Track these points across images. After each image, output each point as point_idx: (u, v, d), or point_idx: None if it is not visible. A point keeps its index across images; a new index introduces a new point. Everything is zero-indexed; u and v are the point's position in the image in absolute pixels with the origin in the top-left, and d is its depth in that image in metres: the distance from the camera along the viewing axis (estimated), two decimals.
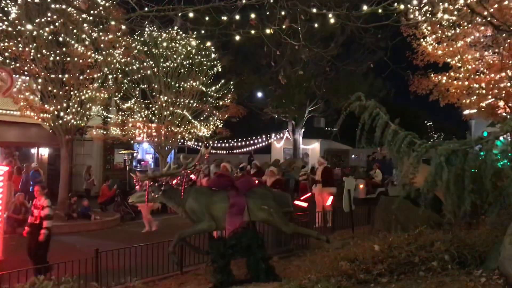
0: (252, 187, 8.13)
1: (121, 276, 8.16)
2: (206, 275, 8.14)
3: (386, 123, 5.75)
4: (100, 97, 15.75)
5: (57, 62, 14.71)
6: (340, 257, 6.04)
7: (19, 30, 13.81)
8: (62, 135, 15.41)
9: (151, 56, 18.07)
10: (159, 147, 19.18)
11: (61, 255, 9.50)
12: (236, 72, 24.57)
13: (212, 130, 20.26)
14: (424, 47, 15.07)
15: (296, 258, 9.32)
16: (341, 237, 11.14)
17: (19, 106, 14.88)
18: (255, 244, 7.60)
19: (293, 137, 29.35)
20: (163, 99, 18.16)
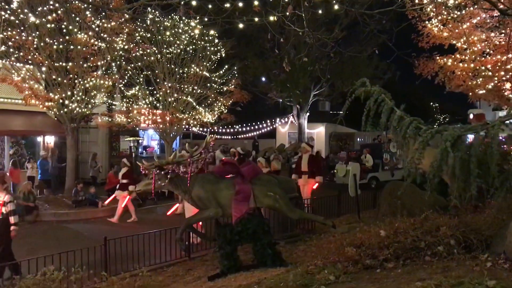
0: (257, 174, 8.15)
1: (129, 262, 8.27)
2: (214, 261, 8.22)
3: (391, 109, 5.72)
4: (104, 85, 15.77)
5: (61, 51, 14.70)
6: (346, 243, 6.07)
7: (22, 19, 13.78)
8: (67, 123, 15.48)
9: (154, 43, 17.99)
10: (164, 133, 19.21)
11: (70, 242, 9.63)
12: (239, 57, 24.42)
13: (217, 116, 20.24)
14: (430, 29, 14.91)
15: (302, 243, 9.38)
16: (347, 222, 11.19)
17: (24, 95, 14.91)
18: (261, 230, 7.65)
19: (298, 121, 29.30)
20: (167, 86, 18.13)
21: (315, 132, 31.15)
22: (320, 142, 30.45)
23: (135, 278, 7.05)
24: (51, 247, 8.42)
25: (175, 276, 7.79)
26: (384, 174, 18.66)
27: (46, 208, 14.17)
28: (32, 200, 13.48)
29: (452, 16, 14.06)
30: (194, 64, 18.48)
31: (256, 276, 6.59)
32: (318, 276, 5.27)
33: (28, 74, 15.00)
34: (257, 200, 7.77)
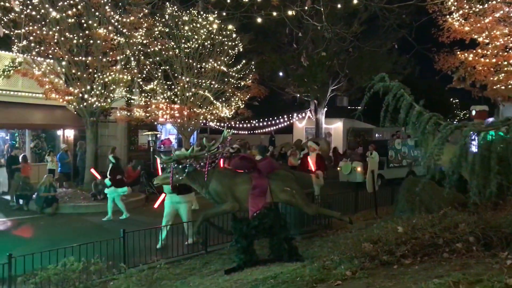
0: (274, 169, 8.15)
1: (147, 255, 8.37)
2: (230, 255, 8.26)
3: (410, 104, 5.67)
4: (123, 79, 15.92)
5: (81, 45, 14.89)
6: (363, 238, 6.04)
7: (43, 14, 13.97)
8: (87, 117, 15.69)
9: (173, 37, 18.08)
10: (182, 128, 19.32)
11: (89, 234, 9.77)
12: (257, 52, 24.39)
13: (234, 111, 20.27)
14: (450, 24, 14.69)
15: (318, 239, 9.36)
16: (364, 218, 11.13)
17: (44, 89, 15.16)
18: (277, 224, 7.67)
19: (315, 116, 29.16)
20: (185, 80, 18.22)
21: (332, 127, 31.00)
22: (337, 137, 30.31)
23: (153, 271, 7.14)
24: (70, 239, 8.57)
25: (192, 269, 7.85)
26: (390, 172, 18.02)
27: (65, 200, 14.41)
28: (53, 191, 13.72)
29: (474, 10, 13.82)
30: (211, 59, 18.53)
31: (272, 271, 6.61)
32: (335, 271, 5.26)
33: (48, 69, 15.23)
34: (274, 195, 7.77)
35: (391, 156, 18.25)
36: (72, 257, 5.58)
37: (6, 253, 6.72)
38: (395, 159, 18.41)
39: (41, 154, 19.41)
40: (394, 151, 18.48)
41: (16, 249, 8.43)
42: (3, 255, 6.87)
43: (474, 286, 3.95)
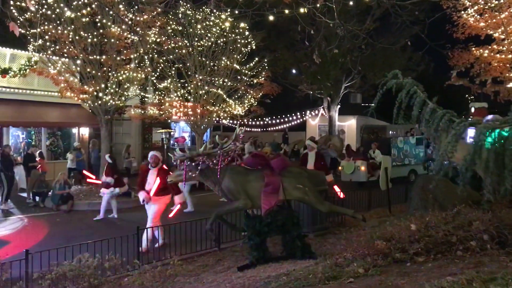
0: (287, 166, 8.17)
1: (161, 252, 8.45)
2: (243, 252, 8.31)
3: (423, 101, 5.64)
4: (137, 77, 16.04)
5: (95, 44, 15.04)
6: (376, 236, 6.03)
7: (58, 13, 14.14)
8: (101, 115, 15.86)
9: (186, 36, 18.15)
10: (195, 125, 19.41)
11: (103, 231, 9.89)
12: (270, 49, 24.37)
13: (247, 108, 20.30)
14: (465, 19, 14.50)
15: (331, 236, 9.36)
16: (377, 216, 11.09)
17: (60, 87, 15.35)
18: (290, 222, 7.68)
19: (329, 113, 29.06)
20: (198, 78, 18.29)
21: (346, 124, 30.85)
22: (351, 135, 30.15)
23: (166, 267, 7.20)
24: (85, 236, 8.68)
25: (205, 266, 7.91)
26: (393, 171, 16.95)
27: (81, 198, 14.60)
28: (68, 189, 13.90)
29: (490, 6, 13.64)
30: (224, 57, 18.57)
31: (285, 268, 6.63)
32: (347, 268, 5.27)
33: (63, 67, 15.41)
34: (287, 192, 7.79)
35: (393, 155, 17.91)
36: (87, 253, 5.67)
37: (23, 249, 6.86)
38: (398, 157, 18.05)
39: (56, 151, 19.67)
40: (397, 150, 18.17)
41: (32, 245, 8.60)
42: (20, 251, 7.01)
43: (488, 284, 3.93)
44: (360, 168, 16.87)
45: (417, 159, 18.07)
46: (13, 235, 10.83)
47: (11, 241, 10.14)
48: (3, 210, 13.41)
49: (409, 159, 18.16)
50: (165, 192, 9.32)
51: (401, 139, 18.80)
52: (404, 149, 18.11)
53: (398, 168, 17.61)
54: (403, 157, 18.15)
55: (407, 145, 18.33)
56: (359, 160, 17.16)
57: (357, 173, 16.87)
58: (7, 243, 9.80)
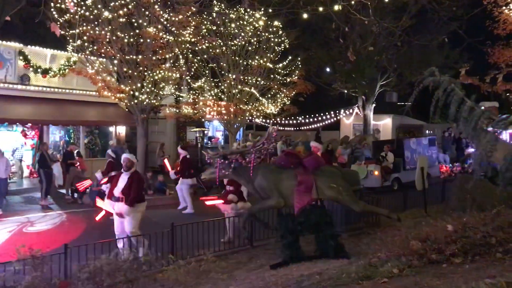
0: (320, 165, 8.13)
1: (194, 248, 8.55)
2: (276, 250, 8.31)
3: (461, 99, 5.50)
4: (172, 77, 16.27)
5: (131, 44, 15.33)
6: (411, 236, 5.94)
7: (96, 14, 14.50)
8: (137, 114, 16.16)
9: (220, 35, 18.28)
10: (228, 124, 19.54)
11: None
12: (303, 48, 24.24)
13: (280, 107, 20.28)
14: (507, 15, 14.02)
15: (365, 236, 9.25)
16: (412, 216, 10.88)
17: (97, 86, 15.74)
18: (323, 221, 7.65)
19: (363, 112, 28.69)
20: (232, 77, 18.40)
21: (381, 123, 30.38)
22: (386, 134, 29.66)
23: (200, 263, 7.29)
24: None
25: (238, 263, 7.96)
26: (407, 174, 16.09)
27: None
28: None
29: None
30: (258, 56, 18.61)
31: (318, 267, 6.61)
32: (381, 268, 5.21)
33: (101, 67, 15.78)
34: (320, 191, 7.76)
35: (407, 157, 16.51)
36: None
37: (62, 244, 7.10)
38: (410, 160, 16.60)
39: (94, 149, 20.19)
40: (410, 151, 16.74)
41: (71, 240, 8.87)
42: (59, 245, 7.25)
43: None
44: (373, 172, 15.65)
45: (430, 161, 16.47)
46: (52, 230, 11.19)
47: (50, 235, 10.48)
48: (43, 206, 13.86)
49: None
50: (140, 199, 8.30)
51: (414, 140, 17.55)
52: (417, 151, 16.89)
53: (411, 171, 16.02)
54: (416, 159, 16.41)
55: (420, 147, 17.21)
56: (372, 164, 15.89)
57: (370, 178, 15.61)
58: (47, 238, 10.14)
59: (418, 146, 17.12)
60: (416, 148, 17.01)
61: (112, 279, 5.33)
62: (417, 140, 17.68)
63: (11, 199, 14.69)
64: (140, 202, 8.22)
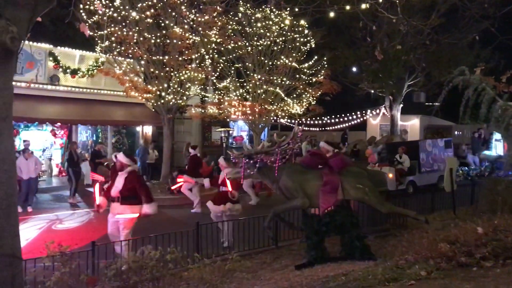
0: (346, 166, 8.04)
1: (219, 247, 8.57)
2: (301, 251, 8.27)
3: (493, 98, 5.36)
4: (198, 77, 16.38)
5: (158, 45, 15.51)
6: (439, 239, 5.82)
7: (124, 16, 14.72)
8: (164, 114, 16.35)
9: (245, 35, 18.32)
10: (253, 124, 19.56)
11: (164, 226, 10.18)
12: (329, 47, 24.07)
13: (305, 107, 20.18)
14: None
15: (392, 238, 9.10)
16: (441, 218, 10.65)
17: (125, 87, 15.98)
18: (349, 222, 7.57)
19: (391, 113, 28.30)
20: (257, 77, 18.41)
21: (408, 124, 29.94)
22: (414, 135, 29.21)
23: (225, 262, 7.30)
24: (147, 230, 8.96)
25: (263, 263, 7.95)
26: (422, 177, 15.83)
27: None
28: None
29: None
30: (283, 56, 18.57)
31: (344, 268, 6.54)
32: (409, 270, 5.12)
33: (128, 68, 16.02)
34: (346, 192, 7.66)
35: (422, 160, 16.01)
36: (149, 246, 5.88)
37: (89, 241, 7.22)
38: (426, 162, 16.15)
39: (122, 149, 20.49)
40: (425, 154, 16.25)
41: (98, 237, 9.01)
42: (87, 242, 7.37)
43: None
44: (387, 175, 15.33)
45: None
46: (80, 228, 11.41)
47: (78, 233, 10.68)
48: (71, 203, 14.14)
49: (438, 164, 16.40)
50: (133, 201, 7.97)
51: (430, 142, 16.96)
52: (432, 153, 16.42)
53: (428, 174, 16.02)
54: (432, 162, 16.34)
55: (436, 149, 16.68)
56: (386, 166, 15.11)
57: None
58: (75, 235, 10.33)
59: (433, 148, 16.59)
60: (432, 150, 16.50)
61: (138, 277, 5.37)
62: (433, 142, 17.07)
63: (40, 197, 15.05)
64: (137, 204, 7.93)
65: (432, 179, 16.01)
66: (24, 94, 15.08)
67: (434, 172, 16.19)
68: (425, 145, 16.40)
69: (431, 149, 16.42)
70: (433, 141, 17.18)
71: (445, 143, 17.04)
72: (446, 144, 17.00)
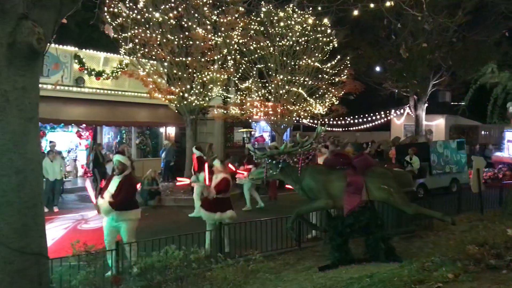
0: (370, 166, 7.93)
1: (242, 247, 8.56)
2: (324, 252, 8.19)
3: None
4: (220, 78, 16.44)
5: (181, 46, 15.62)
6: (467, 240, 5.70)
7: (147, 18, 14.87)
8: (187, 115, 16.46)
9: (267, 35, 18.30)
10: (275, 125, 19.52)
11: (187, 226, 10.23)
12: (352, 47, 23.85)
13: (328, 107, 20.04)
14: None
15: (418, 240, 8.95)
16: (468, 220, 10.44)
17: (148, 88, 16.14)
18: (374, 223, 7.46)
19: (415, 113, 27.89)
20: (279, 78, 18.36)
21: (434, 124, 29.47)
22: (439, 135, 28.75)
23: (248, 263, 7.28)
24: (171, 230, 9.02)
25: (286, 264, 7.90)
26: (433, 180, 15.13)
27: (167, 194, 15.24)
28: (155, 184, 14.57)
29: None
30: (306, 56, 18.48)
31: (368, 270, 6.44)
32: (435, 273, 5.00)
33: (152, 69, 16.17)
34: (370, 193, 7.55)
35: (433, 161, 15.31)
36: (173, 245, 5.91)
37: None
38: (438, 164, 15.43)
39: (145, 150, 20.72)
40: (437, 155, 15.49)
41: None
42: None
43: None
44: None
45: (458, 166, 15.81)
46: None
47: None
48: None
49: (450, 166, 15.71)
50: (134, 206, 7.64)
51: (441, 143, 16.19)
52: (444, 155, 15.66)
53: (439, 177, 15.33)
54: (444, 164, 15.57)
55: (448, 150, 15.90)
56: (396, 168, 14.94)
57: None
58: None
59: (445, 149, 15.78)
60: (443, 151, 15.71)
61: (163, 276, 5.41)
62: (444, 143, 16.36)
63: (66, 197, 15.30)
64: (131, 209, 7.52)
65: (444, 182, 15.42)
66: (50, 96, 15.38)
67: (446, 174, 15.54)
68: (436, 146, 15.73)
69: (442, 150, 15.71)
70: (445, 142, 16.54)
71: (458, 144, 16.29)
72: (459, 145, 16.26)
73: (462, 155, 16.08)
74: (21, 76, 3.58)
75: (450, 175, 15.56)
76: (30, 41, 3.44)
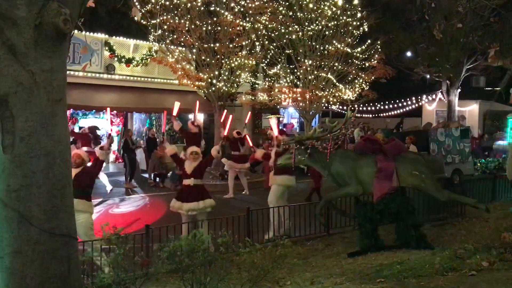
0: (401, 152, 7.78)
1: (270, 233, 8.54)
2: (353, 238, 8.11)
3: None
4: (248, 64, 16.36)
5: (209, 32, 15.59)
6: (502, 228, 5.53)
7: (175, 4, 14.88)
8: (215, 101, 16.50)
9: (296, 20, 18.04)
10: (304, 111, 19.35)
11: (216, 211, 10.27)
12: (384, 31, 23.25)
13: (358, 93, 19.71)
14: None
15: (450, 227, 8.76)
16: (502, 207, 10.14)
17: (177, 75, 16.22)
18: (404, 210, 7.34)
19: (447, 98, 27.14)
20: (308, 63, 18.14)
21: (467, 110, 28.65)
22: (472, 121, 27.95)
23: (276, 248, 7.26)
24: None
25: (314, 250, 7.86)
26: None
27: None
28: None
29: None
30: (335, 40, 18.16)
31: (399, 257, 6.34)
32: (469, 260, 4.88)
33: (181, 56, 16.22)
34: (401, 179, 7.42)
35: (432, 151, 14.25)
36: (201, 229, 5.94)
37: (144, 224, 7.40)
38: (438, 154, 14.29)
39: (175, 136, 20.89)
40: (437, 144, 14.43)
41: (152, 221, 9.23)
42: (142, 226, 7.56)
43: None
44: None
45: (462, 156, 14.62)
46: (135, 211, 11.75)
47: (133, 216, 10.99)
48: (126, 188, 14.57)
49: (452, 156, 14.55)
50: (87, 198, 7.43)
51: (442, 131, 14.89)
52: (445, 144, 14.56)
53: None
54: (445, 153, 14.39)
55: (450, 139, 14.74)
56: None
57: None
58: (130, 219, 10.64)
59: (447, 138, 14.62)
60: (445, 140, 14.56)
61: (191, 259, 5.42)
62: (446, 131, 14.91)
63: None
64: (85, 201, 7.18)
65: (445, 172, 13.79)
66: (81, 83, 15.63)
67: (448, 164, 14.18)
68: (437, 135, 14.59)
69: (443, 139, 14.59)
70: (446, 130, 15.17)
71: (462, 133, 15.21)
72: (463, 133, 15.10)
73: (466, 144, 14.94)
74: (48, 57, 3.59)
75: (452, 166, 14.37)
76: (57, 22, 3.43)
